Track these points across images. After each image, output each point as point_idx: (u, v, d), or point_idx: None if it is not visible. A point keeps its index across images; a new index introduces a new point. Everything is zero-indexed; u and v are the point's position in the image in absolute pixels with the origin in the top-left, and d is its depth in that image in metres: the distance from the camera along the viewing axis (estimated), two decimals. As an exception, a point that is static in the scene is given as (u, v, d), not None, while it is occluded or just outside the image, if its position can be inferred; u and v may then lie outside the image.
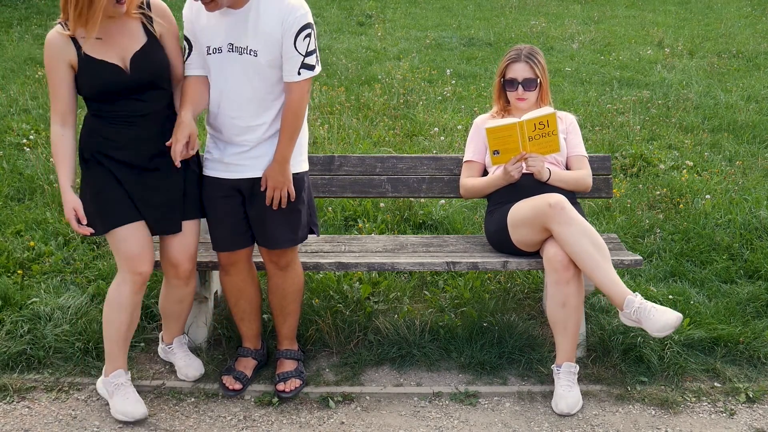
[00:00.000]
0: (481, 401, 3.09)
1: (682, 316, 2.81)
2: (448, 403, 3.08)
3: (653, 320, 2.80)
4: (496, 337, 3.39)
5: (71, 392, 3.10)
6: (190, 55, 2.87)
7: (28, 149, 5.44)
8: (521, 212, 3.17)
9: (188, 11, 2.86)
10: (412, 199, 4.57)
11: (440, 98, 7.16)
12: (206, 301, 3.41)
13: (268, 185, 2.87)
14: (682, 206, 4.65)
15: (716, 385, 3.19)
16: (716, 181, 5.10)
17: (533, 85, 3.43)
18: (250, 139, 2.88)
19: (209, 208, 3.02)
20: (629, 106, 6.84)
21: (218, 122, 2.91)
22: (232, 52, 2.78)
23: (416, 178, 3.72)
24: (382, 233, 4.40)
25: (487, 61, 8.84)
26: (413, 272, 3.97)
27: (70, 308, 3.43)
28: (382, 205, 4.68)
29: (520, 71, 3.43)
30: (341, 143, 5.64)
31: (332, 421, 2.97)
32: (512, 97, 3.48)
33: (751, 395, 3.11)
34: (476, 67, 8.57)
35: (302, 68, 2.78)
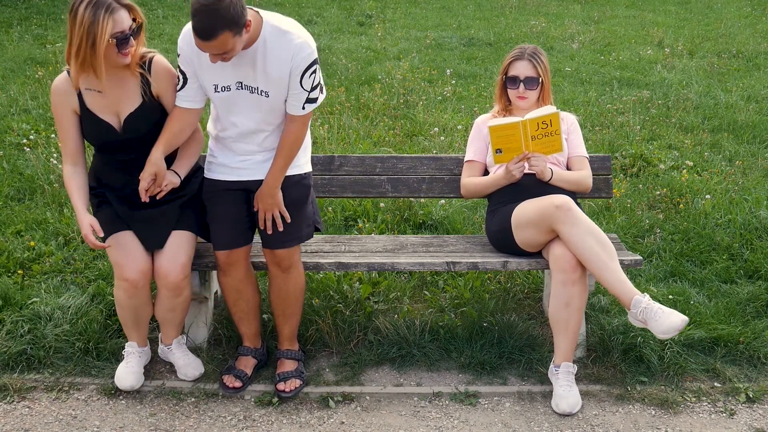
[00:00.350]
0: (481, 401, 3.09)
1: (687, 319, 2.80)
2: (448, 403, 3.08)
3: (659, 322, 2.80)
4: (496, 337, 3.39)
5: (71, 392, 3.10)
6: (183, 87, 2.89)
7: (28, 149, 5.44)
8: (526, 213, 3.17)
9: (187, 47, 2.81)
10: (412, 199, 4.57)
11: (440, 98, 7.16)
12: (206, 301, 3.41)
13: (259, 208, 2.96)
14: (682, 206, 4.65)
15: (716, 385, 3.19)
16: (716, 181, 5.10)
17: (535, 83, 3.43)
18: (256, 150, 2.99)
19: (210, 205, 3.06)
20: (629, 106, 6.84)
21: (223, 140, 3.02)
22: (241, 89, 2.84)
23: (416, 178, 3.72)
24: (382, 233, 4.40)
25: (487, 61, 8.84)
26: (413, 272, 3.97)
27: (70, 308, 3.43)
28: (382, 205, 4.68)
29: (522, 69, 3.43)
30: (341, 143, 5.64)
31: (332, 421, 2.97)
32: (513, 95, 3.48)
33: (751, 395, 3.11)
34: (476, 67, 8.57)
35: (307, 103, 2.87)
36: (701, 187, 4.95)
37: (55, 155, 5.18)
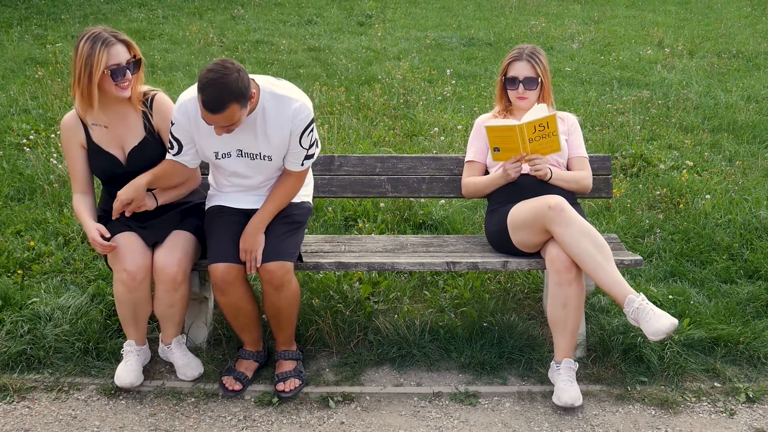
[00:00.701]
0: (481, 401, 3.09)
1: (677, 322, 2.80)
2: (448, 403, 3.08)
3: (649, 323, 2.80)
4: (496, 337, 3.39)
5: (71, 392, 3.10)
6: (179, 152, 3.02)
7: (28, 149, 5.44)
8: (521, 214, 3.17)
9: (183, 118, 2.92)
10: (412, 199, 4.57)
11: (440, 98, 7.16)
12: (206, 301, 3.41)
13: (240, 247, 3.01)
14: (682, 206, 4.65)
15: (716, 385, 3.19)
16: (716, 181, 5.10)
17: (534, 84, 3.43)
18: (257, 195, 3.16)
19: (209, 225, 3.15)
20: (629, 106, 6.84)
21: (224, 190, 3.19)
22: (242, 157, 2.99)
23: (416, 178, 3.72)
24: (382, 233, 4.40)
25: (487, 61, 8.84)
26: (413, 272, 3.97)
27: (70, 308, 3.43)
28: (382, 205, 4.68)
29: (521, 70, 3.43)
30: (341, 143, 5.64)
31: (332, 421, 2.97)
32: (513, 95, 3.48)
33: (751, 395, 3.11)
34: (476, 67, 8.57)
35: (305, 159, 3.04)
36: (701, 187, 4.95)
37: (54, 155, 5.18)
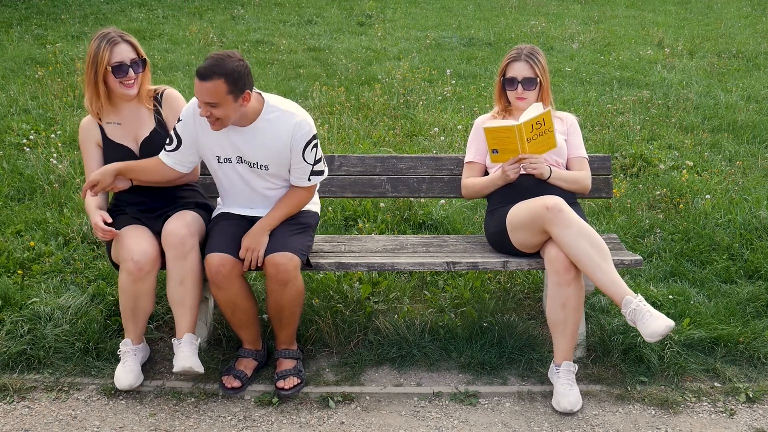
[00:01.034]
0: (481, 401, 3.09)
1: (673, 323, 2.80)
2: (448, 403, 3.08)
3: (645, 324, 2.81)
4: (496, 337, 3.39)
5: (71, 392, 3.10)
6: (175, 150, 3.12)
7: (28, 149, 5.44)
8: (519, 215, 3.17)
9: (190, 118, 3.07)
10: (412, 199, 4.57)
11: (440, 98, 7.16)
12: (206, 301, 3.41)
13: (243, 244, 3.06)
14: (682, 206, 4.65)
15: (716, 385, 3.19)
16: (716, 181, 5.11)
17: (533, 84, 3.43)
18: (262, 206, 3.23)
19: (212, 226, 3.22)
20: (629, 106, 6.84)
21: (228, 198, 3.27)
22: (241, 163, 3.11)
23: (416, 178, 3.72)
24: (382, 233, 4.40)
25: (487, 61, 8.84)
26: (413, 272, 3.97)
27: (70, 308, 3.43)
28: (382, 205, 4.68)
29: (520, 70, 3.43)
30: (341, 143, 5.64)
31: (332, 421, 2.97)
32: (512, 96, 3.48)
33: (751, 395, 3.11)
34: (476, 67, 8.57)
35: (312, 175, 3.14)
36: (701, 187, 4.95)
37: (55, 155, 5.19)
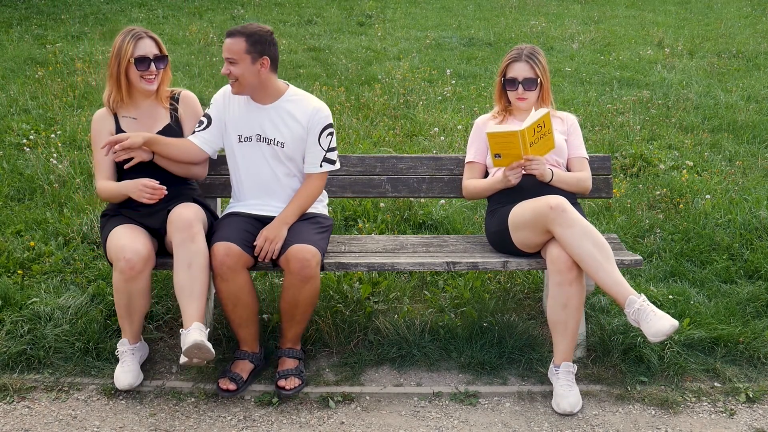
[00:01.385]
0: (481, 401, 3.09)
1: (677, 323, 2.80)
2: (448, 403, 3.08)
3: (649, 324, 2.81)
4: (496, 337, 3.39)
5: (71, 392, 3.10)
6: (206, 128, 3.27)
7: (28, 149, 5.44)
8: (522, 214, 3.17)
9: (221, 98, 3.31)
10: (412, 199, 4.57)
11: (440, 98, 7.16)
12: (207, 301, 3.40)
13: (261, 235, 3.11)
14: (682, 206, 4.65)
15: (716, 385, 3.19)
16: (716, 181, 5.11)
17: (533, 84, 3.43)
18: (273, 205, 3.28)
19: (218, 223, 3.25)
20: (629, 106, 6.84)
21: (244, 198, 3.33)
22: (260, 142, 3.24)
23: (416, 178, 3.72)
24: (382, 233, 4.40)
25: (487, 61, 8.84)
26: (413, 272, 3.97)
27: (70, 308, 3.43)
28: (382, 205, 4.68)
29: (520, 71, 3.43)
30: (341, 143, 5.64)
31: (332, 421, 2.97)
32: (512, 96, 3.47)
33: (751, 395, 3.11)
34: (476, 67, 8.57)
35: (324, 162, 3.26)
36: (701, 187, 4.95)
37: (54, 155, 5.19)
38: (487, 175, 3.54)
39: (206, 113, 3.31)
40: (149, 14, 11.44)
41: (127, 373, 3.07)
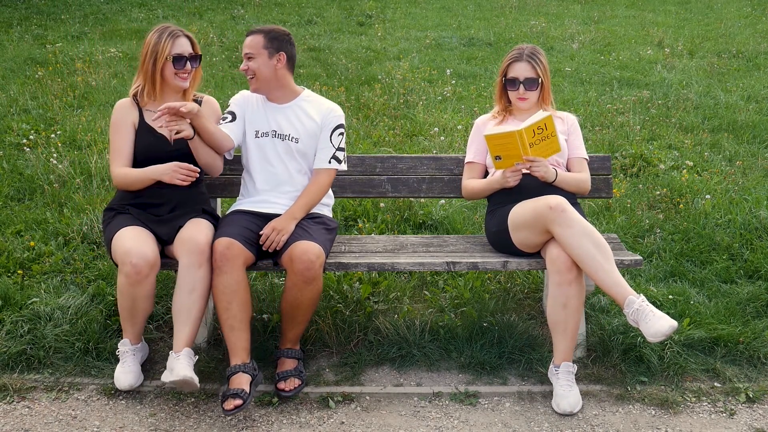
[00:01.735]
0: (481, 401, 3.09)
1: (676, 324, 2.80)
2: (448, 403, 3.08)
3: (648, 324, 2.81)
4: (496, 337, 3.40)
5: (71, 392, 3.10)
6: (232, 121, 3.35)
7: (28, 149, 5.44)
8: (522, 214, 3.17)
9: (240, 98, 3.44)
10: (412, 199, 4.57)
11: (440, 98, 7.16)
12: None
13: (269, 226, 3.15)
14: (682, 206, 4.65)
15: (716, 385, 3.19)
16: (716, 181, 5.11)
17: (535, 84, 3.43)
18: (280, 201, 3.32)
19: (223, 220, 3.27)
20: (629, 106, 6.84)
21: (254, 193, 3.36)
22: (275, 138, 3.33)
23: (416, 178, 3.72)
24: (382, 233, 4.40)
25: (487, 61, 8.84)
26: (413, 272, 3.97)
27: (70, 308, 3.43)
28: (382, 205, 4.68)
29: (521, 71, 3.43)
30: (341, 143, 5.64)
31: (332, 421, 2.97)
32: (513, 96, 3.48)
33: (751, 395, 3.11)
34: (476, 67, 8.57)
35: (332, 159, 3.34)
36: (701, 187, 4.95)
37: (54, 155, 5.19)
38: (486, 175, 3.55)
39: (229, 110, 3.38)
40: (149, 14, 11.44)
41: (128, 373, 3.07)
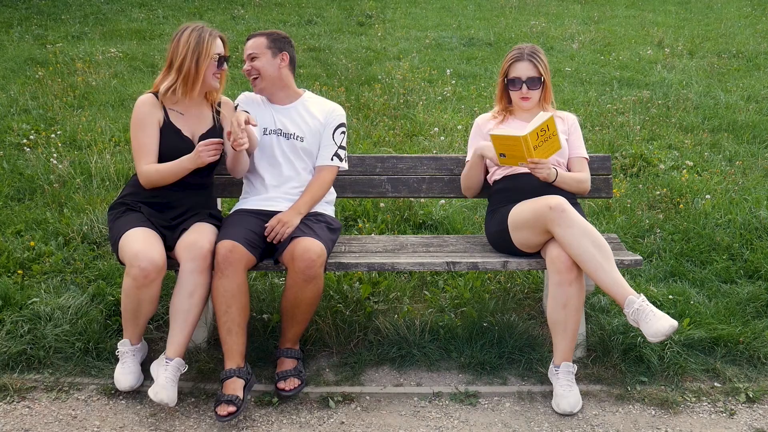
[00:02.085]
0: (481, 401, 3.10)
1: (677, 323, 2.80)
2: (448, 403, 3.08)
3: (648, 324, 2.80)
4: (496, 337, 3.40)
5: (71, 392, 3.10)
6: None
7: (28, 149, 5.45)
8: (522, 215, 3.17)
9: (246, 99, 3.47)
10: (412, 199, 4.57)
11: (440, 98, 7.16)
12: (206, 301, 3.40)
13: (276, 217, 3.18)
14: (682, 206, 4.66)
15: (716, 385, 3.19)
16: (716, 181, 5.11)
17: (537, 83, 3.43)
18: (285, 197, 3.34)
19: (226, 220, 3.28)
20: (629, 106, 6.84)
21: (263, 190, 3.38)
22: (280, 136, 3.39)
23: (416, 178, 3.72)
24: (382, 233, 4.40)
25: (487, 61, 8.85)
26: (413, 272, 3.97)
27: (70, 308, 3.43)
28: (382, 205, 4.68)
29: (523, 70, 3.42)
30: (341, 143, 5.64)
31: (332, 421, 2.97)
32: (516, 96, 3.47)
33: (751, 395, 3.11)
34: (476, 67, 8.57)
35: (335, 156, 3.41)
36: (701, 187, 4.95)
37: (55, 155, 5.19)
38: (486, 173, 3.55)
39: (242, 111, 3.32)
40: (149, 14, 11.44)
41: (128, 374, 3.06)
